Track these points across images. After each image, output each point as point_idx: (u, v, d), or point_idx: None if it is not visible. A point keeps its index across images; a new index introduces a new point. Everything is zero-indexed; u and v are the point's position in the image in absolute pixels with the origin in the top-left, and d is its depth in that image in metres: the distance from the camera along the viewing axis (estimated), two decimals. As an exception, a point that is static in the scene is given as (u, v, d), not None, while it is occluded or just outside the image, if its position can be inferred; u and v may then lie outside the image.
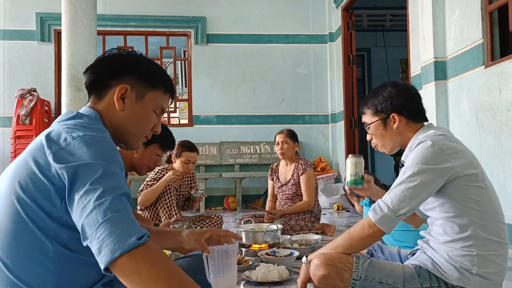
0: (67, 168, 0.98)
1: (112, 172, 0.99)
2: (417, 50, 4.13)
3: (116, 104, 1.18)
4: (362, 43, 7.60)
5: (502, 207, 1.49)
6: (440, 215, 1.44)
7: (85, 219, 0.94)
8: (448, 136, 1.48)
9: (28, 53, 6.15)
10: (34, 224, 1.01)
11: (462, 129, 3.46)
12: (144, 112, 1.22)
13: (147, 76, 1.22)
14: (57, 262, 1.03)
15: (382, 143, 1.64)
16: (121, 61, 1.22)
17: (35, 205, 1.01)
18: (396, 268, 1.47)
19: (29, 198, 1.01)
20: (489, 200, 1.41)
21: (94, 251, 0.93)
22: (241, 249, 2.79)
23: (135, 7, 6.36)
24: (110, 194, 0.95)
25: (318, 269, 1.45)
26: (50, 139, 1.04)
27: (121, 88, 1.18)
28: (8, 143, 5.89)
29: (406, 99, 1.60)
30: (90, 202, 0.94)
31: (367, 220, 1.43)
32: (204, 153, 6.30)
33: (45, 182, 1.00)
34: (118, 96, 1.18)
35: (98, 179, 0.96)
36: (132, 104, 1.20)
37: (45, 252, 1.02)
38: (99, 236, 0.91)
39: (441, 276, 1.41)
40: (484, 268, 1.37)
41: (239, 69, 6.54)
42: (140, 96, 1.21)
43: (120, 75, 1.20)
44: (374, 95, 1.65)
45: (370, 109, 1.64)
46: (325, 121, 6.66)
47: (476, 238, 1.37)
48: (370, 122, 1.63)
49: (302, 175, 3.74)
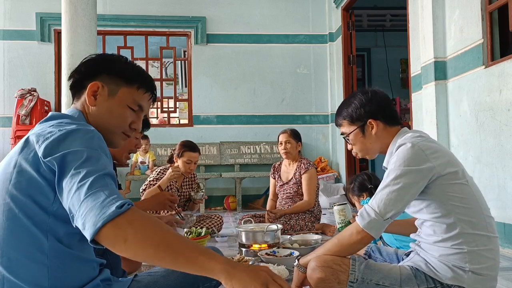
0: (55, 159, 1.01)
1: (96, 157, 1.03)
2: (417, 50, 4.13)
3: (87, 100, 1.22)
4: (362, 43, 7.60)
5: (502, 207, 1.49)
6: (428, 216, 1.46)
7: (70, 201, 0.97)
8: (425, 137, 1.50)
9: (28, 53, 6.15)
10: (29, 219, 1.03)
11: (462, 129, 3.46)
12: (116, 107, 1.25)
13: (119, 72, 1.26)
14: (53, 258, 1.05)
15: (364, 150, 1.67)
16: (95, 62, 1.28)
17: (30, 201, 1.03)
18: (393, 269, 1.47)
19: (23, 194, 1.03)
20: (472, 196, 1.43)
21: (80, 227, 0.95)
22: (241, 249, 2.80)
23: (135, 7, 6.36)
24: (93, 174, 0.98)
25: (315, 272, 1.45)
26: (38, 135, 1.07)
27: (92, 85, 1.22)
28: (8, 143, 5.89)
29: (378, 104, 1.61)
30: (74, 185, 0.97)
31: (355, 227, 1.43)
32: (204, 153, 6.30)
33: (37, 177, 1.03)
34: (88, 93, 1.22)
35: (82, 164, 1.00)
36: (104, 100, 1.24)
37: (40, 247, 1.03)
38: (82, 212, 0.94)
39: (435, 277, 1.41)
40: (477, 264, 1.38)
41: (239, 69, 6.54)
42: (112, 93, 1.24)
43: (94, 75, 1.24)
44: (346, 105, 1.67)
45: (346, 119, 1.66)
46: (325, 121, 6.66)
47: (465, 235, 1.38)
48: (349, 132, 1.65)
49: (304, 174, 3.75)
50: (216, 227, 3.75)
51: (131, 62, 1.33)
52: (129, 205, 0.95)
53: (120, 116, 1.26)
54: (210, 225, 3.72)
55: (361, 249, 1.50)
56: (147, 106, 1.33)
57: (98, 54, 1.33)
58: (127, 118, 1.27)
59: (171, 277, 1.32)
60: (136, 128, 1.31)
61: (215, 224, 3.76)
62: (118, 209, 0.93)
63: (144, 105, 1.31)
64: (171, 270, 1.31)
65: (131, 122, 1.29)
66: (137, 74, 1.29)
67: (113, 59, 1.29)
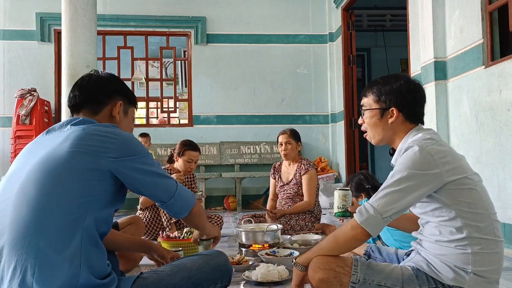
0: (125, 160, 1.31)
1: (154, 161, 1.43)
2: (417, 50, 4.13)
3: (116, 118, 1.49)
4: (362, 43, 7.60)
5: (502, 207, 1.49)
6: (434, 219, 1.44)
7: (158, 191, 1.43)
8: (436, 140, 1.46)
9: (28, 53, 6.16)
10: (70, 198, 1.22)
11: (462, 129, 3.46)
12: (129, 124, 1.57)
13: (128, 95, 1.56)
14: (85, 234, 1.21)
15: (372, 133, 1.61)
16: (111, 82, 1.53)
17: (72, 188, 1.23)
18: (395, 270, 1.46)
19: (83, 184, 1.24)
20: (480, 201, 1.40)
21: (174, 210, 1.49)
22: (241, 249, 2.79)
23: (135, 7, 6.36)
24: (165, 176, 1.44)
25: (317, 273, 1.44)
26: (98, 135, 1.31)
27: (120, 104, 1.50)
28: (8, 143, 5.89)
29: (413, 99, 1.55)
30: (157, 179, 1.41)
31: (351, 222, 1.42)
32: (204, 153, 6.30)
33: (92, 171, 1.25)
34: (117, 111, 1.50)
35: (153, 165, 1.40)
36: (123, 118, 1.53)
37: (78, 222, 1.21)
38: (176, 202, 1.46)
39: (436, 277, 1.40)
40: (480, 267, 1.36)
41: (239, 69, 6.54)
42: (126, 111, 1.54)
43: (113, 94, 1.50)
44: (383, 83, 1.58)
45: (373, 94, 1.58)
46: (325, 121, 6.66)
47: (471, 238, 1.37)
48: (368, 108, 1.60)
49: (304, 174, 3.74)
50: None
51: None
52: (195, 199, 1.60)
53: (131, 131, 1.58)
54: (210, 225, 3.72)
55: (357, 246, 1.48)
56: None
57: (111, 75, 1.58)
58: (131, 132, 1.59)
59: (176, 276, 1.33)
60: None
61: (215, 224, 3.76)
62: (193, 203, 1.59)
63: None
64: (177, 269, 1.35)
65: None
66: (134, 96, 1.60)
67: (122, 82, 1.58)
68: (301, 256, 1.57)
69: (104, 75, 1.54)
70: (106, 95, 1.48)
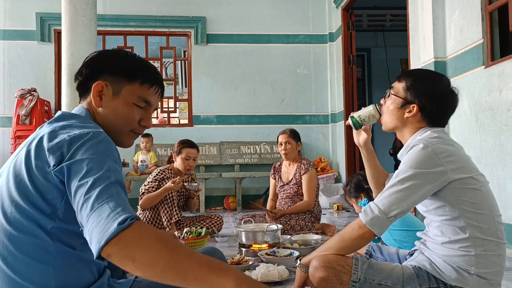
0: (62, 169, 1.01)
1: (101, 163, 1.01)
2: (417, 50, 4.13)
3: (93, 101, 1.21)
4: (362, 43, 7.60)
5: (502, 207, 1.49)
6: (437, 217, 1.44)
7: (80, 215, 0.97)
8: (443, 139, 1.45)
9: (28, 53, 6.15)
10: (33, 222, 1.03)
11: (462, 129, 3.46)
12: (122, 107, 1.22)
13: (119, 70, 1.23)
14: (58, 258, 1.05)
15: (386, 118, 1.60)
16: (96, 62, 1.25)
17: (34, 206, 1.03)
18: (395, 269, 1.46)
19: (28, 198, 1.03)
20: (484, 202, 1.40)
21: (88, 242, 0.94)
22: (241, 249, 2.79)
23: (135, 7, 6.36)
24: (99, 185, 0.97)
25: (317, 272, 1.44)
26: (48, 140, 1.06)
27: (96, 85, 1.20)
28: (8, 143, 5.89)
29: (440, 104, 1.50)
30: (81, 197, 0.96)
31: (357, 222, 1.42)
32: (204, 153, 6.30)
33: (44, 183, 1.03)
34: (93, 94, 1.20)
35: (87, 173, 0.98)
36: (109, 100, 1.21)
37: (45, 248, 1.04)
38: (89, 229, 0.93)
39: (439, 277, 1.40)
40: (482, 268, 1.37)
41: (239, 69, 6.54)
42: (116, 92, 1.22)
43: (97, 75, 1.22)
44: (421, 77, 1.55)
45: (405, 83, 1.55)
46: (325, 121, 6.66)
47: (474, 239, 1.37)
48: (394, 93, 1.57)
49: (304, 174, 3.74)
50: (216, 227, 3.75)
51: (132, 56, 1.28)
52: (132, 219, 0.92)
53: (126, 116, 1.23)
54: (210, 225, 3.72)
55: (363, 246, 1.49)
56: (155, 100, 1.29)
57: (99, 52, 1.29)
58: (134, 117, 1.24)
59: None
60: (146, 125, 1.29)
61: (215, 224, 3.76)
62: (120, 225, 0.90)
63: (152, 100, 1.27)
64: None
65: (139, 119, 1.26)
66: (138, 69, 1.24)
67: (112, 56, 1.26)
68: (306, 257, 1.57)
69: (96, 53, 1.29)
70: (90, 77, 1.22)
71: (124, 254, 0.89)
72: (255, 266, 2.36)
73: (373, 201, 1.44)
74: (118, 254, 0.90)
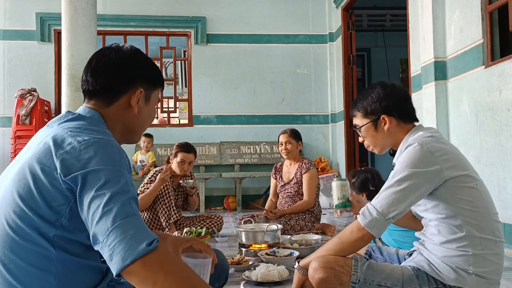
0: (75, 177, 0.98)
1: (118, 176, 1.00)
2: (417, 50, 4.13)
3: (134, 109, 1.21)
4: (362, 43, 7.60)
5: (502, 207, 1.49)
6: (434, 216, 1.44)
7: (96, 227, 0.95)
8: (437, 138, 1.47)
9: (28, 53, 6.15)
10: (34, 230, 1.01)
11: (462, 129, 3.46)
12: (152, 112, 1.29)
13: (152, 79, 1.26)
14: (60, 266, 1.03)
15: (374, 144, 1.65)
16: (132, 67, 1.22)
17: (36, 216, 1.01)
18: (395, 270, 1.46)
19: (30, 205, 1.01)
20: (480, 200, 1.41)
21: (106, 258, 0.94)
22: (241, 249, 2.79)
23: (135, 7, 6.36)
24: (119, 199, 0.96)
25: (317, 272, 1.44)
26: (56, 143, 1.04)
27: (137, 92, 1.20)
28: (8, 143, 5.89)
29: (395, 100, 1.58)
30: (99, 209, 0.95)
31: (356, 224, 1.43)
32: (204, 153, 6.30)
33: (51, 189, 1.00)
34: (135, 101, 1.20)
35: (105, 184, 0.97)
36: (143, 106, 1.23)
37: (47, 256, 1.02)
38: (110, 244, 0.92)
39: (438, 278, 1.40)
40: (481, 268, 1.37)
41: (239, 69, 6.54)
42: (147, 98, 1.25)
43: (133, 81, 1.21)
44: (363, 97, 1.63)
45: (360, 111, 1.63)
46: (325, 121, 6.66)
47: (471, 238, 1.37)
48: (361, 125, 1.63)
49: (305, 174, 3.75)
50: (216, 227, 3.75)
51: (153, 62, 1.29)
52: (158, 241, 0.94)
53: (151, 118, 1.30)
54: (210, 225, 3.73)
55: (362, 247, 1.49)
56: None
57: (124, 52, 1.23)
58: (154, 116, 1.33)
59: None
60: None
61: (215, 224, 3.76)
62: (148, 246, 0.91)
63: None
64: None
65: None
66: (160, 76, 1.29)
67: (146, 63, 1.26)
68: (304, 260, 1.57)
69: (123, 54, 1.21)
70: (125, 82, 1.19)
71: (147, 275, 0.91)
72: (255, 266, 2.36)
73: (370, 202, 1.44)
74: (141, 274, 0.91)
